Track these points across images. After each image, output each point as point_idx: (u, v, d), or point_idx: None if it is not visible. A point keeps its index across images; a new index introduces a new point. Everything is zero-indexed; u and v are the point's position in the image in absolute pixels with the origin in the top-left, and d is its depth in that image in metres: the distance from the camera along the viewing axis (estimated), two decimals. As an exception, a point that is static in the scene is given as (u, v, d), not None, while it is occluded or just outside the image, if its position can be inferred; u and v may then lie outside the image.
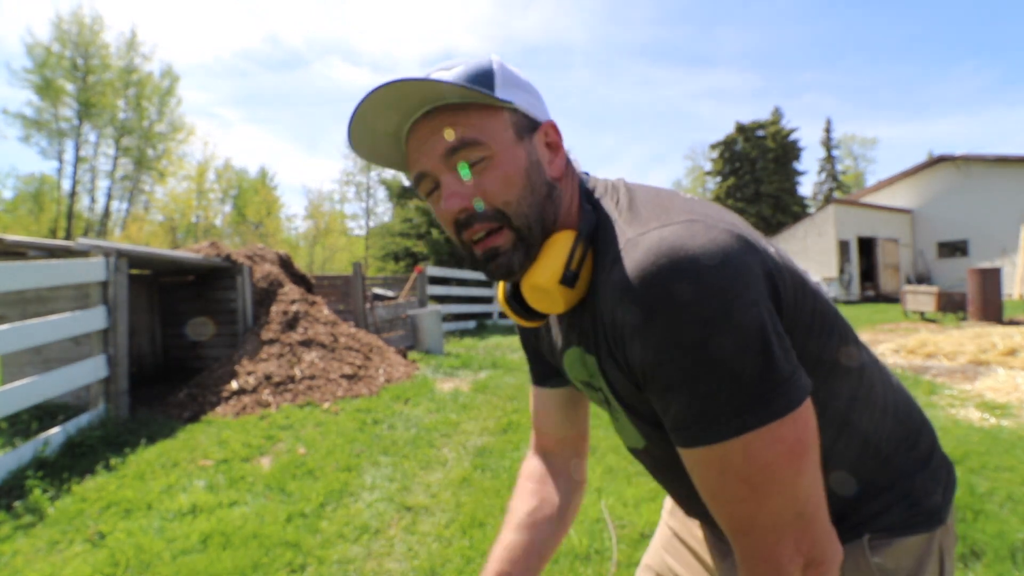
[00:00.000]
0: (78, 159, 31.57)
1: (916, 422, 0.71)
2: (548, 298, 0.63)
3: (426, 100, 0.61)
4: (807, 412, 0.52)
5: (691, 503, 0.76)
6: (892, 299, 17.30)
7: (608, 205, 0.65)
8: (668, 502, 0.97)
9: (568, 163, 0.69)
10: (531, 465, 0.89)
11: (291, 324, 5.52)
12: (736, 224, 0.57)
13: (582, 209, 0.66)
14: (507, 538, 0.80)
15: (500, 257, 0.64)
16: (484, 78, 0.62)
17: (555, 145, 0.67)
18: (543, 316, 0.72)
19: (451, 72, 0.62)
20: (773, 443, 0.50)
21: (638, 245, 0.54)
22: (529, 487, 0.86)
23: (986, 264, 16.33)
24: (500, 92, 0.62)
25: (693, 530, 0.88)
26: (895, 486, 0.66)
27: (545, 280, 0.62)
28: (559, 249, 0.62)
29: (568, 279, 0.61)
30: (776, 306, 0.54)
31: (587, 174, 0.73)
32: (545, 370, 0.86)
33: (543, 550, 0.79)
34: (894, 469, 0.66)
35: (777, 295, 0.55)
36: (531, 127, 0.65)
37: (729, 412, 0.50)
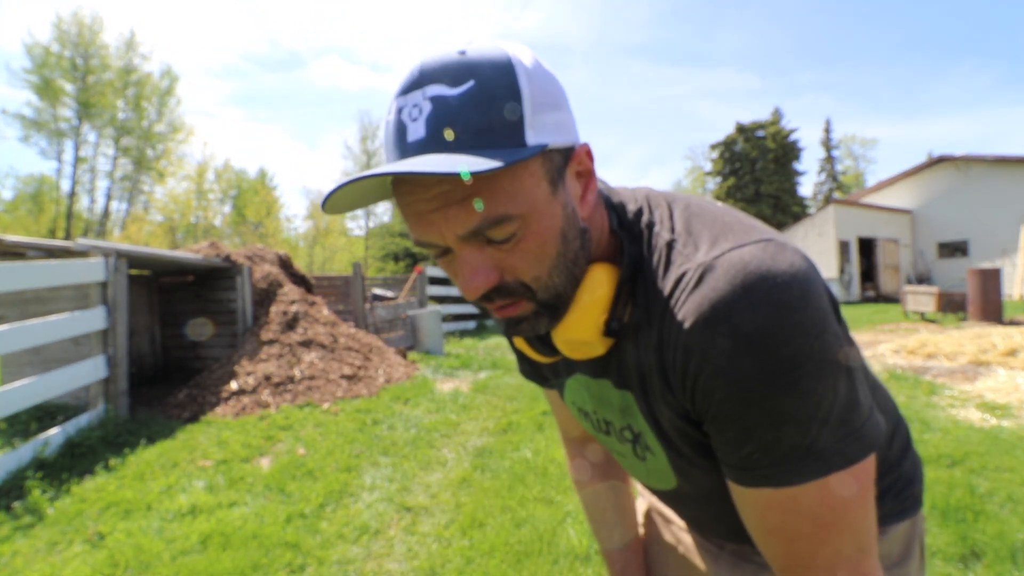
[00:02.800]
0: (77, 159, 31.57)
1: (894, 413, 0.71)
2: (587, 348, 0.57)
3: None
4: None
5: (710, 526, 0.75)
6: (892, 299, 17.30)
7: (652, 223, 0.57)
8: (642, 504, 0.95)
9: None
10: (576, 464, 0.91)
11: (291, 324, 5.52)
12: (789, 240, 0.54)
13: (615, 235, 0.58)
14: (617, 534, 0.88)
15: (523, 324, 0.54)
16: (509, 113, 0.46)
17: (587, 173, 0.54)
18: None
19: (459, 97, 0.46)
20: (851, 483, 0.48)
21: (715, 270, 0.48)
22: (590, 487, 0.89)
23: (986, 264, 16.36)
24: (532, 129, 0.47)
25: (675, 532, 0.87)
26: (886, 477, 0.67)
27: (584, 334, 0.55)
28: (599, 294, 0.54)
29: (612, 330, 0.55)
30: None
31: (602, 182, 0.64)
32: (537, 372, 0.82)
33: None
34: (885, 461, 0.67)
35: (835, 312, 0.51)
36: (565, 162, 0.51)
37: (814, 454, 0.47)
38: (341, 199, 0.49)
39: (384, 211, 36.04)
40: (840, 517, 0.48)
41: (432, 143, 0.45)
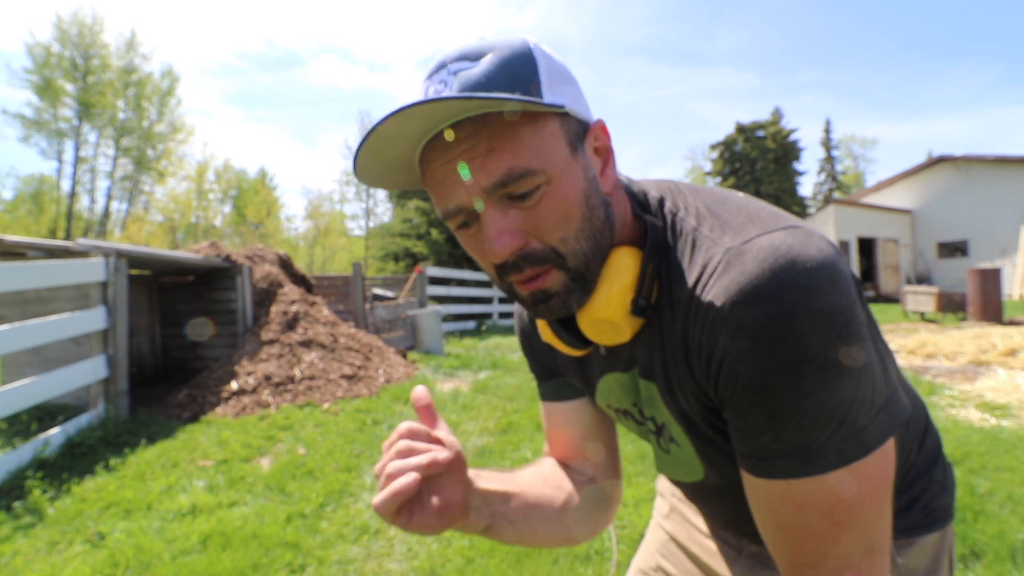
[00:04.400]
0: (78, 159, 31.57)
1: (924, 417, 0.70)
2: (614, 330, 0.56)
3: (456, 113, 0.47)
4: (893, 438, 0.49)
5: (735, 523, 0.73)
6: (892, 299, 17.30)
7: (675, 210, 0.56)
8: (663, 505, 0.94)
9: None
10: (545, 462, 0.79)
11: (291, 324, 5.52)
12: (812, 227, 0.53)
13: (638, 219, 0.58)
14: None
15: (552, 299, 0.54)
16: (527, 75, 0.49)
17: (605, 149, 0.55)
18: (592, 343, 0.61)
19: (481, 65, 0.49)
20: (866, 478, 0.47)
21: (744, 255, 0.47)
22: (535, 470, 0.75)
23: (986, 264, 16.34)
24: (549, 92, 0.50)
25: (694, 535, 0.86)
26: (914, 486, 0.65)
27: (612, 312, 0.54)
28: (625, 273, 0.54)
29: (640, 308, 0.54)
30: None
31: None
32: (559, 383, 0.77)
33: (535, 502, 0.68)
34: (913, 469, 0.66)
35: (861, 301, 0.50)
36: (583, 132, 0.53)
37: (831, 445, 0.46)
38: (371, 162, 0.51)
39: (384, 211, 36.06)
40: (854, 513, 0.47)
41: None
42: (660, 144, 79.16)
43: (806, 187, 42.17)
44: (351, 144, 37.21)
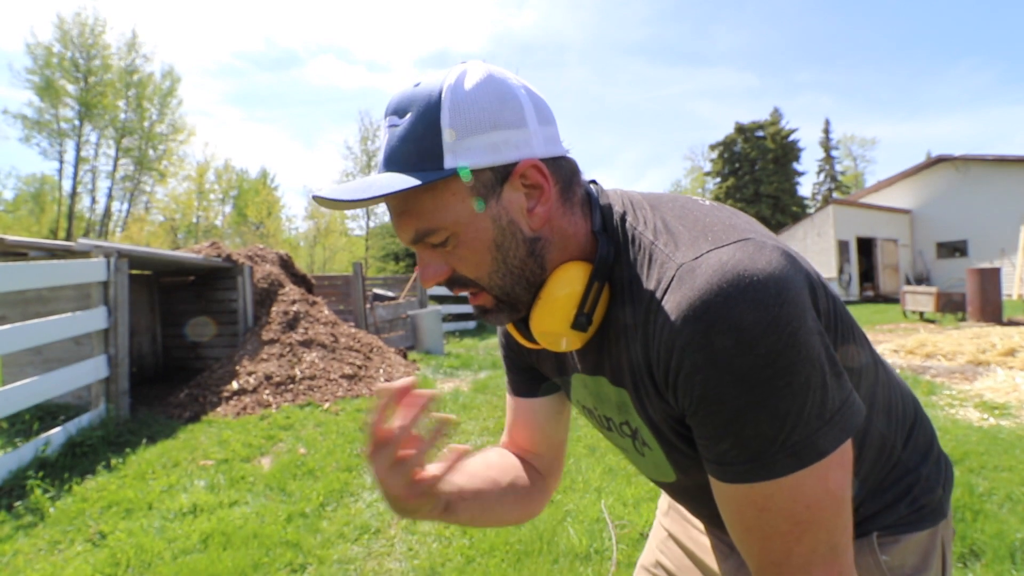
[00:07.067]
0: (79, 160, 31.59)
1: (912, 413, 0.70)
2: (562, 340, 0.61)
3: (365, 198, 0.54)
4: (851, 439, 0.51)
5: (715, 520, 0.73)
6: (891, 299, 17.29)
7: (635, 224, 0.59)
8: (663, 503, 0.96)
9: (572, 184, 0.60)
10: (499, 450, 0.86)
11: (291, 324, 5.53)
12: (772, 236, 0.55)
13: (594, 236, 0.61)
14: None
15: (488, 314, 0.62)
16: (429, 143, 0.53)
17: (536, 187, 0.57)
18: None
19: (401, 128, 0.55)
20: (824, 479, 0.49)
21: (695, 271, 0.50)
22: (493, 455, 0.82)
23: (985, 264, 16.35)
24: (452, 154, 0.53)
25: (690, 531, 0.87)
26: (900, 481, 0.66)
27: (556, 326, 0.59)
28: (570, 288, 0.58)
29: (581, 324, 0.58)
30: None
31: (595, 183, 0.65)
32: (529, 380, 0.81)
33: (490, 491, 0.74)
34: (899, 465, 0.66)
35: (817, 307, 0.53)
36: (500, 178, 0.56)
37: (786, 450, 0.48)
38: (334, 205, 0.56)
39: (384, 211, 35.93)
40: (814, 512, 0.49)
41: (385, 165, 0.56)
42: (660, 144, 79.06)
43: (805, 187, 42.08)
44: (351, 144, 37.28)
